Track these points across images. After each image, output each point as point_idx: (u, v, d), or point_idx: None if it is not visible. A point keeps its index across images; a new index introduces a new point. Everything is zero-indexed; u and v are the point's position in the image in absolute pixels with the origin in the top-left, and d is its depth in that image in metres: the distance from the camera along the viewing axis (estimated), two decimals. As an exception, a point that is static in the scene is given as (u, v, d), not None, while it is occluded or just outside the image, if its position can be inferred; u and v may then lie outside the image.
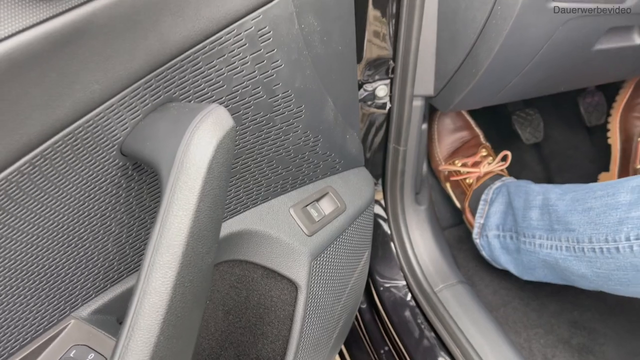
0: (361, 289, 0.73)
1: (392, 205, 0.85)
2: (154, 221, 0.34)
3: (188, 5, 0.37)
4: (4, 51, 0.28)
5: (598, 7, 0.57)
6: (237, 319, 0.55)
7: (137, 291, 0.33)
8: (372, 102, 0.77)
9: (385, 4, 0.67)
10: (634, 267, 0.61)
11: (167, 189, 0.34)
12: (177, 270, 0.33)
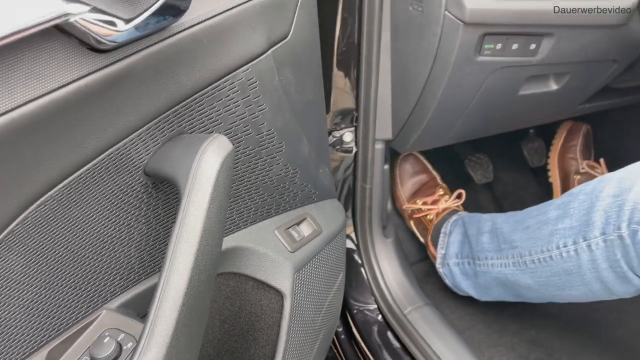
0: (338, 310, 0.82)
1: (362, 237, 0.95)
2: (175, 219, 0.44)
3: (197, 59, 0.49)
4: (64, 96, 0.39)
5: (516, 60, 0.72)
6: (231, 327, 0.63)
7: (163, 272, 0.42)
8: (341, 146, 0.89)
9: (348, 64, 0.81)
10: (565, 271, 0.72)
11: (184, 195, 0.44)
12: (195, 255, 0.43)
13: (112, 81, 0.41)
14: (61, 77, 0.38)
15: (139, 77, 0.43)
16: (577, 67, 0.77)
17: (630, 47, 0.74)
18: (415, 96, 0.80)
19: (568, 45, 0.72)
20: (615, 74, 0.81)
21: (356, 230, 0.96)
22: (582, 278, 0.71)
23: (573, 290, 0.74)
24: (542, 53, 0.72)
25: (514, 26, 0.68)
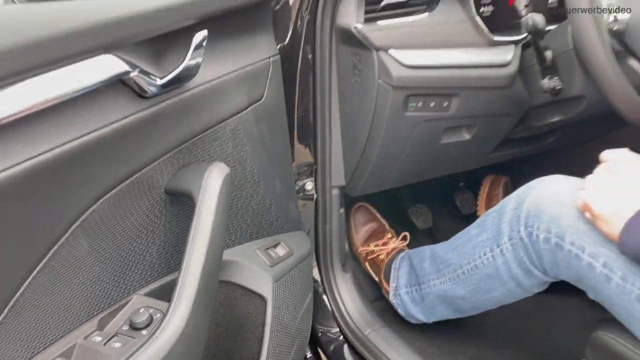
0: (308, 329, 0.96)
1: (324, 272, 1.12)
2: (191, 220, 0.60)
3: (202, 108, 0.68)
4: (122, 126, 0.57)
5: (434, 115, 0.95)
6: (224, 329, 0.77)
7: (185, 255, 0.58)
8: (303, 194, 1.08)
9: (306, 125, 1.01)
10: (488, 276, 0.91)
11: (198, 202, 0.61)
12: (208, 242, 0.59)
13: (149, 119, 0.59)
14: (120, 112, 0.56)
15: (166, 118, 0.62)
16: (482, 120, 1.00)
17: (517, 103, 0.99)
18: (361, 148, 1.01)
19: (472, 103, 0.95)
20: (511, 126, 1.05)
21: (319, 266, 1.12)
22: (500, 279, 0.90)
23: (496, 292, 0.92)
24: (453, 109, 0.95)
25: (429, 89, 0.92)
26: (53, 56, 0.46)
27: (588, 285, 0.78)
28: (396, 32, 0.90)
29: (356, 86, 0.95)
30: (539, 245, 0.81)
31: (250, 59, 0.78)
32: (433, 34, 0.92)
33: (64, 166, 0.51)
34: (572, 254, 0.77)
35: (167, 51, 0.61)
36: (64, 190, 0.52)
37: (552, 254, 0.80)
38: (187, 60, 0.62)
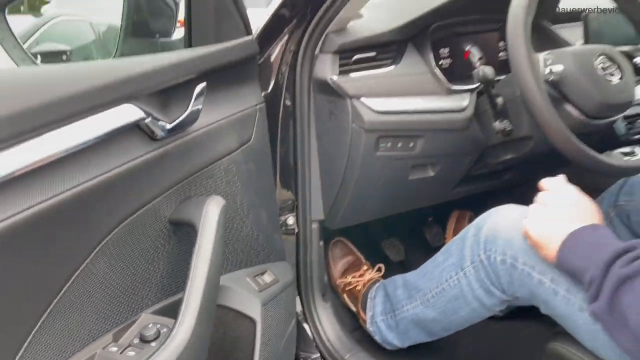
0: (292, 352, 1.04)
1: (305, 301, 1.20)
2: (193, 246, 0.69)
3: (202, 149, 0.78)
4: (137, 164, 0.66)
5: (402, 154, 1.07)
6: (219, 349, 0.85)
7: (189, 277, 0.67)
8: (285, 228, 1.17)
9: (287, 164, 1.12)
10: (454, 297, 1.01)
11: (198, 231, 0.70)
12: (209, 265, 0.68)
13: (158, 158, 0.69)
14: (135, 152, 0.65)
15: (172, 157, 0.71)
16: (444, 158, 1.13)
17: (474, 143, 1.12)
18: (338, 184, 1.12)
19: (434, 143, 1.08)
20: (470, 164, 1.18)
21: (301, 296, 1.21)
22: (465, 299, 1.00)
23: (462, 312, 1.02)
24: (419, 148, 1.07)
25: (397, 131, 1.04)
26: (90, 105, 0.56)
27: (540, 300, 0.88)
28: (367, 82, 1.03)
29: (332, 130, 1.07)
30: (496, 267, 0.92)
31: (240, 107, 0.89)
32: (399, 83, 1.05)
33: (89, 198, 0.60)
34: (524, 273, 0.88)
35: (173, 101, 0.72)
36: (88, 219, 0.61)
37: (508, 274, 0.91)
38: (190, 108, 0.72)
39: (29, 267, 0.56)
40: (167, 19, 0.94)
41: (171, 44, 0.93)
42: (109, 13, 1.19)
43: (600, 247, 0.70)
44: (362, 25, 1.09)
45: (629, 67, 0.99)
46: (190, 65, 0.74)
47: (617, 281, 0.65)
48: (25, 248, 0.55)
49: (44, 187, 0.56)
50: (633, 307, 0.63)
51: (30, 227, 0.54)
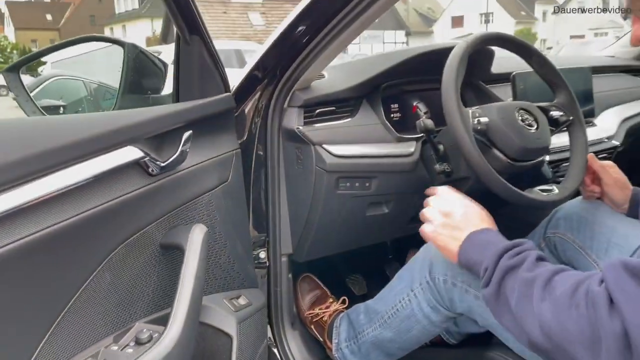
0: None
1: (276, 328, 1.32)
2: (183, 263, 0.83)
3: (189, 184, 0.93)
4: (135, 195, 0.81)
5: (359, 193, 1.23)
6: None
7: (178, 289, 0.80)
8: (258, 261, 1.31)
9: (259, 204, 1.27)
10: (407, 317, 1.15)
11: (185, 253, 0.84)
12: (194, 279, 0.82)
13: (152, 191, 0.84)
14: (135, 185, 0.80)
15: (164, 191, 0.86)
16: (396, 196, 1.30)
17: (421, 183, 1.29)
18: (304, 221, 1.27)
19: (387, 183, 1.25)
20: (419, 202, 1.34)
21: (271, 324, 1.33)
22: (416, 318, 1.14)
23: (414, 330, 1.16)
24: (374, 188, 1.24)
25: (354, 172, 1.21)
26: (103, 146, 0.71)
27: (476, 313, 1.03)
28: (328, 131, 1.21)
29: (299, 172, 1.23)
30: (440, 286, 1.08)
31: (220, 151, 1.05)
32: (355, 133, 1.23)
33: (97, 222, 0.74)
34: (463, 290, 1.03)
35: (166, 144, 0.87)
36: (95, 239, 0.75)
37: (450, 292, 1.06)
38: (179, 151, 0.88)
39: (46, 278, 0.69)
40: (157, 78, 1.11)
41: (161, 99, 1.09)
42: (99, 73, 1.36)
43: (491, 244, 0.87)
44: (323, 84, 1.28)
45: (544, 119, 1.20)
46: (179, 116, 0.90)
47: (504, 270, 0.81)
48: (44, 261, 0.68)
49: (60, 211, 0.70)
50: (514, 291, 0.79)
51: (48, 243, 0.68)
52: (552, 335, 0.73)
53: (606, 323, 0.67)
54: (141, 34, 37.18)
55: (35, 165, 0.66)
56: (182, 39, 0.96)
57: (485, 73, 1.48)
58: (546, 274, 0.77)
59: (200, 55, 0.98)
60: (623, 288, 0.67)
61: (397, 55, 1.34)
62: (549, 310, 0.74)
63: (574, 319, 0.71)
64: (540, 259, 0.82)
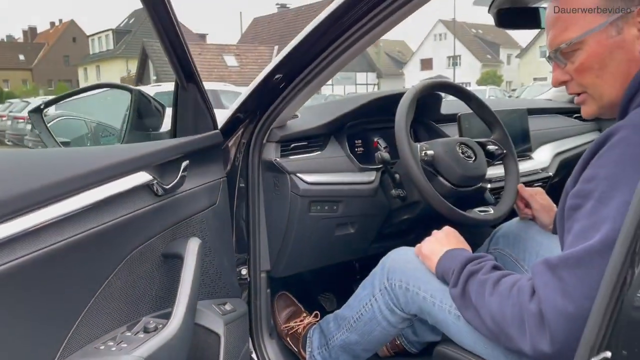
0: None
1: (255, 337, 1.49)
2: (182, 269, 1.01)
3: (184, 207, 1.12)
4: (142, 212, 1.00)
5: (328, 215, 1.44)
6: (192, 357, 1.14)
7: (178, 288, 0.98)
8: (239, 278, 1.49)
9: (240, 225, 1.46)
10: (369, 320, 1.34)
11: (185, 260, 1.03)
12: (192, 281, 1.00)
13: (157, 209, 1.03)
14: (145, 202, 0.99)
15: (166, 209, 1.05)
16: (360, 218, 1.51)
17: (381, 207, 1.51)
18: (280, 241, 1.47)
19: (352, 207, 1.46)
20: (380, 223, 1.56)
21: (251, 332, 1.50)
22: (377, 321, 1.33)
23: (375, 332, 1.35)
24: (340, 210, 1.45)
25: (324, 197, 1.42)
26: (121, 171, 0.91)
27: (426, 312, 1.23)
28: (301, 162, 1.42)
29: (276, 198, 1.44)
30: (396, 291, 1.28)
31: (210, 178, 1.25)
32: (324, 164, 1.45)
33: (114, 233, 0.93)
34: (414, 293, 1.24)
35: (168, 171, 1.07)
36: (112, 247, 0.93)
37: (404, 295, 1.26)
38: (179, 176, 1.08)
39: (76, 277, 0.87)
40: (157, 118, 1.31)
41: (160, 135, 1.30)
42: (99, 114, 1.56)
43: (460, 256, 1.10)
44: (297, 122, 1.50)
45: (481, 152, 1.44)
46: (179, 149, 1.10)
47: (467, 274, 1.04)
48: (73, 263, 0.86)
49: (86, 223, 0.88)
50: (473, 290, 1.01)
51: (76, 249, 0.86)
52: (497, 322, 0.95)
53: (527, 306, 0.89)
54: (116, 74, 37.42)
55: (70, 186, 0.85)
56: (181, 86, 1.17)
57: (434, 113, 1.73)
58: (496, 277, 1.00)
59: (194, 99, 1.19)
60: (542, 278, 0.88)
61: (359, 98, 1.58)
62: (495, 302, 0.96)
63: (509, 307, 0.93)
64: (496, 267, 1.06)
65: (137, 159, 0.96)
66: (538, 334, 0.87)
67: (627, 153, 0.83)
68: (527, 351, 0.89)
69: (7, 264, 0.74)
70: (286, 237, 1.46)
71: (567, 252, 0.86)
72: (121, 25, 43.09)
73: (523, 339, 0.89)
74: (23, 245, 0.77)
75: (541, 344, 0.86)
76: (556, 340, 0.84)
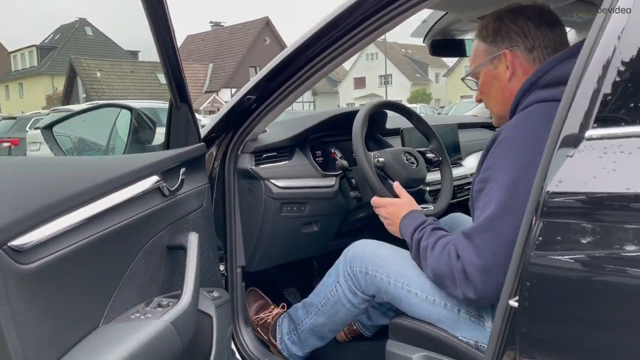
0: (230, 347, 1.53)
1: (234, 325, 1.69)
2: (186, 258, 1.22)
3: (182, 207, 1.33)
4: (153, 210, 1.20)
5: (297, 214, 1.68)
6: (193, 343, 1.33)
7: (187, 272, 1.19)
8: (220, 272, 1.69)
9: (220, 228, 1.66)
10: (335, 302, 1.57)
11: (188, 250, 1.24)
12: (195, 267, 1.21)
13: (164, 208, 1.23)
14: (155, 202, 1.19)
15: (171, 208, 1.26)
16: (323, 218, 1.76)
17: (340, 207, 1.76)
18: (255, 239, 1.69)
19: (316, 207, 1.71)
20: (340, 222, 1.81)
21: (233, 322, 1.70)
22: (341, 303, 1.57)
23: (341, 313, 1.58)
24: (307, 211, 1.70)
25: (293, 199, 1.66)
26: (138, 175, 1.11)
27: (383, 291, 1.48)
28: (273, 170, 1.66)
29: (251, 202, 1.66)
30: (357, 276, 1.52)
31: (198, 184, 1.46)
32: (292, 171, 1.69)
33: (135, 227, 1.13)
34: (373, 276, 1.49)
35: (170, 176, 1.28)
36: (132, 238, 1.13)
37: (364, 279, 1.51)
38: (180, 180, 1.28)
39: (110, 262, 1.06)
40: (150, 132, 1.51)
41: (153, 147, 1.49)
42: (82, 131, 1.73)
43: (409, 226, 1.39)
44: (267, 136, 1.74)
45: (422, 159, 1.74)
46: (178, 157, 1.31)
47: (416, 242, 1.33)
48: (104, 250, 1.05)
49: (111, 219, 1.08)
50: (422, 255, 1.30)
51: (107, 239, 1.05)
52: (438, 277, 1.26)
53: (455, 265, 1.18)
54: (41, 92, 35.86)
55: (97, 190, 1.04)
56: (175, 105, 1.38)
57: (382, 128, 2.02)
58: (432, 242, 1.29)
59: (186, 116, 1.41)
60: (461, 244, 1.17)
61: (319, 116, 1.85)
62: (433, 262, 1.26)
63: (443, 266, 1.23)
64: (436, 228, 1.34)
65: (151, 165, 1.17)
66: (465, 285, 1.18)
67: (507, 146, 1.17)
68: (460, 298, 1.21)
69: (60, 251, 0.93)
70: (260, 236, 1.68)
71: (476, 223, 1.18)
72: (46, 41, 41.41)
73: (455, 289, 1.20)
74: (73, 236, 0.96)
75: (468, 292, 1.17)
76: (478, 288, 1.14)
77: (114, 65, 29.97)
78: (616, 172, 0.77)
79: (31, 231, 0.85)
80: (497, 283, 1.07)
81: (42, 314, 0.87)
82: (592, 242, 0.80)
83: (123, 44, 39.21)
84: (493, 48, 1.31)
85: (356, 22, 1.30)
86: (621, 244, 0.76)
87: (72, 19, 41.47)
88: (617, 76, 0.81)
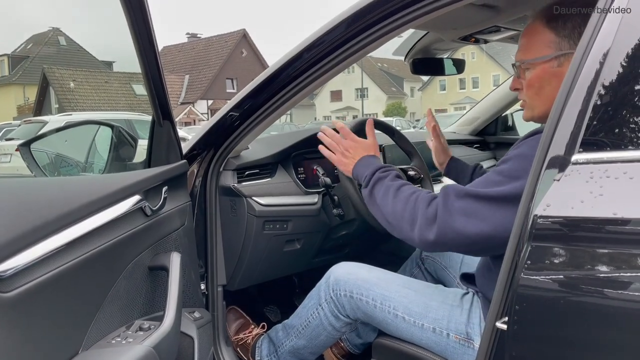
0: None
1: (214, 344, 1.66)
2: (168, 279, 1.19)
3: (164, 226, 1.30)
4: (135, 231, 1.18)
5: (279, 232, 1.66)
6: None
7: (169, 293, 1.16)
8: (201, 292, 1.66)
9: (200, 247, 1.64)
10: (316, 326, 1.54)
11: (170, 271, 1.21)
12: (178, 288, 1.19)
13: (147, 227, 1.20)
14: (137, 222, 1.17)
15: (152, 227, 1.23)
16: (305, 235, 1.75)
17: (323, 225, 1.75)
18: (237, 257, 1.67)
19: (298, 225, 1.70)
20: (322, 239, 1.80)
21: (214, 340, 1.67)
22: (323, 326, 1.55)
23: (322, 336, 1.56)
24: (290, 228, 1.68)
25: (275, 217, 1.65)
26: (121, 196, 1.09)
27: (368, 316, 1.47)
28: (255, 187, 1.64)
29: (233, 219, 1.64)
30: (340, 299, 1.51)
31: (180, 202, 1.44)
32: (275, 188, 1.68)
33: (117, 248, 1.10)
34: (357, 299, 1.47)
35: (152, 195, 1.25)
36: (115, 260, 1.10)
37: (348, 302, 1.50)
38: (162, 198, 1.26)
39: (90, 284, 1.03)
40: (131, 150, 1.48)
41: (134, 165, 1.46)
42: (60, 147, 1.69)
43: (372, 164, 1.37)
44: (249, 153, 1.73)
45: (404, 176, 1.72)
46: (161, 176, 1.29)
47: (376, 179, 1.31)
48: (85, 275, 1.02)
49: (95, 241, 1.05)
50: (379, 192, 1.29)
51: (88, 262, 1.02)
52: (396, 218, 1.23)
53: (424, 211, 1.17)
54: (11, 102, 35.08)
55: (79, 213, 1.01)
56: (157, 122, 1.36)
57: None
58: (398, 184, 1.28)
59: (168, 133, 1.38)
60: (442, 198, 1.15)
61: (302, 133, 1.84)
62: (396, 204, 1.24)
63: (407, 210, 1.21)
64: (398, 177, 1.33)
65: (133, 185, 1.14)
66: (426, 230, 1.16)
67: (526, 152, 1.12)
68: (415, 239, 1.19)
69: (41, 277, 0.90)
70: (242, 254, 1.66)
71: (472, 189, 1.14)
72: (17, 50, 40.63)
73: (412, 232, 1.19)
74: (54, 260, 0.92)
75: (429, 235, 1.15)
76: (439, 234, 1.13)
77: (88, 75, 29.51)
78: (603, 197, 0.78)
79: (11, 258, 0.82)
80: (451, 241, 1.13)
81: (21, 342, 0.84)
82: (580, 266, 0.80)
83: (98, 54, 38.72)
84: (565, 44, 1.15)
85: (340, 41, 1.30)
86: (610, 268, 0.77)
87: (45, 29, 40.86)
88: (600, 100, 0.83)
